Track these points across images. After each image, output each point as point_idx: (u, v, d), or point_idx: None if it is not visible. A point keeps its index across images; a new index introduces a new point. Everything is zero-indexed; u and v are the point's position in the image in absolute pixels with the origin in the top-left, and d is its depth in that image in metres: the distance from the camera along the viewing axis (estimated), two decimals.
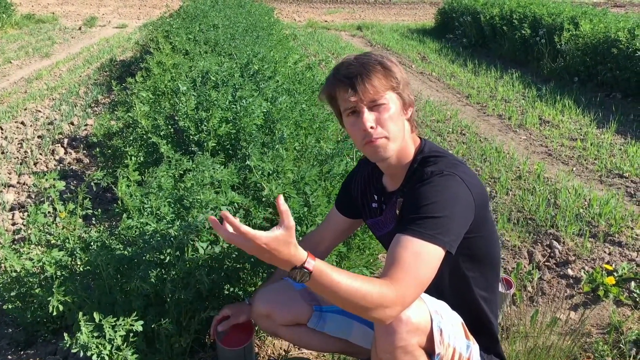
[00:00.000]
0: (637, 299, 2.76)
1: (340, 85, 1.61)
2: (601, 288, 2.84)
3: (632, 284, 2.87)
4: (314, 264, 1.35)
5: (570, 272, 3.03)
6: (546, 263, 3.15)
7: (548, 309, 2.73)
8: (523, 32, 9.18)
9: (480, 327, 1.78)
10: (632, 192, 4.02)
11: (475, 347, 1.71)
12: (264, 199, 2.39)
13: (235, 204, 2.26)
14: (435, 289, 1.61)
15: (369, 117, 1.60)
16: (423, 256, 1.42)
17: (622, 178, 4.31)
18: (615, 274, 2.94)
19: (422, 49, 10.73)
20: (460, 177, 1.55)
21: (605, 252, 3.20)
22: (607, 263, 3.07)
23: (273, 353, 2.39)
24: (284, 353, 2.39)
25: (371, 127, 1.60)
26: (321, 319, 1.92)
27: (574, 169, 4.54)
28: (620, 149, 4.95)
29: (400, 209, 1.66)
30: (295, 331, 1.95)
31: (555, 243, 3.28)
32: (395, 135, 1.63)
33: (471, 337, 1.71)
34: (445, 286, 1.70)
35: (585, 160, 4.72)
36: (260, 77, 4.02)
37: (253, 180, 2.50)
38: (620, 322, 2.58)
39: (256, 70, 4.15)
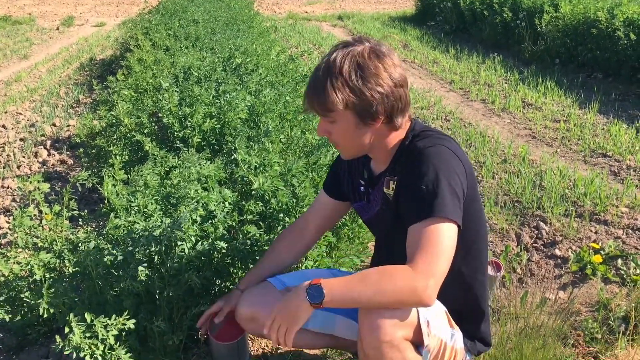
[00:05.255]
0: (624, 276, 2.80)
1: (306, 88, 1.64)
2: (589, 267, 2.88)
3: (619, 261, 2.91)
4: (321, 281, 1.47)
5: (557, 252, 3.06)
6: (534, 244, 3.18)
7: (537, 289, 2.76)
8: (504, 15, 9.20)
9: (469, 311, 1.79)
10: (616, 171, 4.07)
11: (458, 335, 1.72)
12: (253, 192, 2.39)
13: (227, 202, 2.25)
14: None
15: (321, 126, 1.65)
16: (435, 235, 1.46)
17: (606, 157, 4.35)
18: (602, 252, 2.97)
19: (404, 37, 10.73)
20: (449, 149, 1.58)
21: (591, 231, 3.24)
22: (594, 242, 3.11)
23: (267, 345, 2.39)
24: (277, 346, 2.40)
25: (324, 135, 1.66)
26: None
27: (558, 150, 4.58)
28: (603, 129, 4.99)
29: (396, 189, 1.66)
30: None
31: (542, 224, 3.31)
32: (349, 146, 1.67)
33: (455, 325, 1.73)
34: None
35: (569, 141, 4.76)
36: (243, 70, 4.00)
37: (240, 175, 2.49)
38: (609, 300, 2.61)
39: (239, 64, 4.13)
